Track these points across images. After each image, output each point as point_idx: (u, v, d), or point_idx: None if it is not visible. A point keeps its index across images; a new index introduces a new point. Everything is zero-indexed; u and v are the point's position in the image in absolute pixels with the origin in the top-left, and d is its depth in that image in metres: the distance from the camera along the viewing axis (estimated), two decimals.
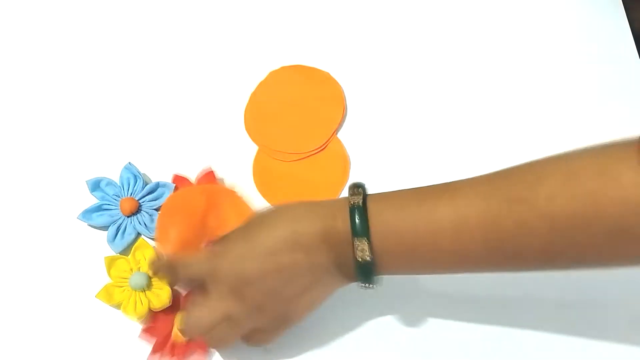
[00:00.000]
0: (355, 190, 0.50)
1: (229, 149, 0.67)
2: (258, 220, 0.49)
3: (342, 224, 0.47)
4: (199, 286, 0.53)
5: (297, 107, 0.69)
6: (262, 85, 0.70)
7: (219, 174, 0.65)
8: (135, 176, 0.64)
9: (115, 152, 0.66)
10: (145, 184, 0.65)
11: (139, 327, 0.60)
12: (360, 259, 0.47)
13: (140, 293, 0.60)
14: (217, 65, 0.70)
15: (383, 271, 0.49)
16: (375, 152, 0.67)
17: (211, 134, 0.68)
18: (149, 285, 0.60)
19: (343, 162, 0.67)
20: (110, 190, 0.64)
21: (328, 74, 0.70)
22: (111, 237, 0.62)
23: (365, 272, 0.48)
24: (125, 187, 0.64)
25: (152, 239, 0.63)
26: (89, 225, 0.64)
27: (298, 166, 0.67)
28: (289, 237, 0.47)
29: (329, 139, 0.67)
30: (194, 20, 0.72)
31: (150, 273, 0.59)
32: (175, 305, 0.60)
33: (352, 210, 0.47)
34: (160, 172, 0.65)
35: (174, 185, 0.64)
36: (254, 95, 0.69)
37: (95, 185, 0.64)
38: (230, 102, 0.69)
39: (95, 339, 0.61)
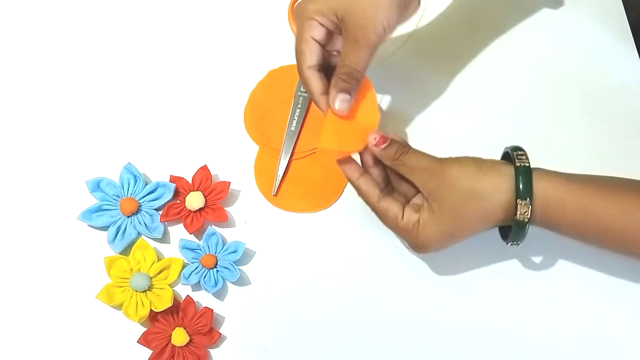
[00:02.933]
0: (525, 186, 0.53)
1: (229, 148, 0.67)
2: (472, 186, 0.54)
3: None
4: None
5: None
6: (261, 84, 0.69)
7: (216, 171, 0.65)
8: (135, 176, 0.64)
9: (115, 152, 0.66)
10: (145, 184, 0.65)
11: (139, 327, 0.60)
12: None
13: (141, 294, 0.60)
14: (216, 65, 0.70)
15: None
16: None
17: (211, 134, 0.68)
18: (150, 286, 0.60)
19: None
20: (110, 191, 0.64)
21: None
22: (111, 238, 0.62)
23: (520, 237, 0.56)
24: (125, 187, 0.64)
25: (153, 238, 0.63)
26: (89, 225, 0.64)
27: (299, 165, 0.67)
28: (490, 220, 0.55)
29: None
30: (193, 21, 0.72)
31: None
32: (175, 307, 0.60)
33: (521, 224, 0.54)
34: (160, 172, 0.65)
35: (174, 185, 0.64)
36: (253, 95, 0.69)
37: (95, 186, 0.64)
38: (229, 101, 0.69)
39: (95, 339, 0.61)
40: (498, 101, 0.68)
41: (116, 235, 0.63)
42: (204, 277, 0.61)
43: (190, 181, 0.65)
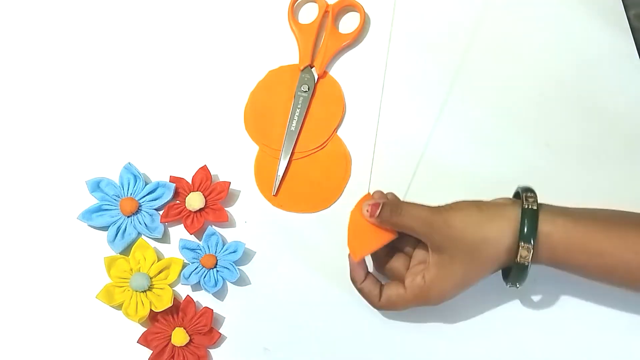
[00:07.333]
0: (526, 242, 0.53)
1: (229, 148, 0.67)
2: (480, 234, 0.54)
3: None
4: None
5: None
6: (261, 84, 0.69)
7: (216, 171, 0.65)
8: (135, 176, 0.64)
9: (115, 152, 0.66)
10: (145, 184, 0.65)
11: (139, 327, 0.60)
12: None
13: (141, 294, 0.60)
14: (216, 65, 0.70)
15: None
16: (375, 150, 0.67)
17: (211, 134, 0.68)
18: (150, 286, 0.60)
19: (344, 160, 0.67)
20: (110, 191, 0.64)
21: (327, 72, 0.70)
22: (111, 238, 0.62)
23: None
24: (125, 187, 0.64)
25: (153, 238, 0.64)
26: (89, 225, 0.64)
27: (299, 165, 0.67)
28: (496, 264, 0.55)
29: (329, 137, 0.67)
30: (193, 21, 0.72)
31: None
32: (175, 307, 0.60)
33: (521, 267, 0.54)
34: (160, 172, 0.65)
35: (174, 185, 0.64)
36: (253, 95, 0.69)
37: (95, 186, 0.64)
38: (229, 102, 0.69)
39: (95, 339, 0.61)
40: (496, 102, 0.68)
41: (116, 235, 0.63)
42: (204, 277, 0.61)
43: (190, 181, 0.65)
